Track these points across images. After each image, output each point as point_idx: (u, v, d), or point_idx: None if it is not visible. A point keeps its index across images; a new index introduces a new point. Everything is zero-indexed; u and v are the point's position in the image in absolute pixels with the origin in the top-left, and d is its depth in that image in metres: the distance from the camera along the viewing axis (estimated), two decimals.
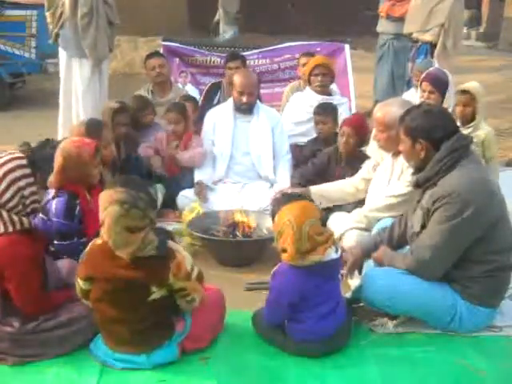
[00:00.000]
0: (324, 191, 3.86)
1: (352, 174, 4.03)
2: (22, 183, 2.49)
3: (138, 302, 2.44)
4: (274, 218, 2.63)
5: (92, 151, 3.10)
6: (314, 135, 4.79)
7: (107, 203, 2.36)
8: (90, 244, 2.52)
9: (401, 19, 7.01)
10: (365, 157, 4.20)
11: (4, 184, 2.46)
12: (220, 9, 11.81)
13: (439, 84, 4.31)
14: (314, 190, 3.84)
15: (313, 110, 4.73)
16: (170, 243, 2.49)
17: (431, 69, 4.73)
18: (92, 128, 3.69)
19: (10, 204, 2.49)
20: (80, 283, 2.51)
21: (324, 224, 2.67)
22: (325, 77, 4.98)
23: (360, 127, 4.14)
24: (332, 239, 2.62)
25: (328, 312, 2.61)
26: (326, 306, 2.61)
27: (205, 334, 2.66)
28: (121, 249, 2.37)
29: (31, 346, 2.54)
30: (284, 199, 2.65)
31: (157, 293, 2.43)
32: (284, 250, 2.56)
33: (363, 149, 4.30)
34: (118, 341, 2.51)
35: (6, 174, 2.47)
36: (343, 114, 4.87)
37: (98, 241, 2.48)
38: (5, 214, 2.49)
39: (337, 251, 2.64)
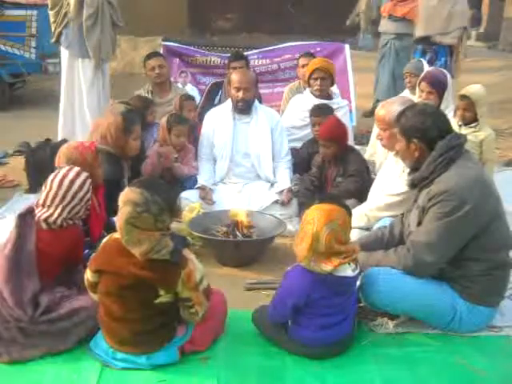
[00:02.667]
0: None
1: (343, 170, 4.11)
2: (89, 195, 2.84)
3: (144, 303, 2.44)
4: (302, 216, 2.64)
5: (94, 152, 3.19)
6: None
7: (123, 203, 2.40)
8: (106, 237, 2.55)
9: (403, 19, 7.03)
10: (354, 151, 4.21)
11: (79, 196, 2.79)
12: (361, 14, 11.32)
13: (438, 85, 4.30)
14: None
15: (309, 113, 4.71)
16: (185, 251, 2.48)
17: (430, 69, 4.72)
18: (129, 119, 3.83)
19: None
20: (88, 274, 2.53)
21: None
22: (324, 81, 4.95)
23: (332, 136, 4.10)
24: (353, 256, 2.58)
25: (333, 323, 2.60)
26: (331, 318, 2.59)
27: (206, 337, 2.66)
28: (133, 247, 2.38)
29: (35, 336, 2.56)
30: (319, 198, 2.64)
31: (163, 297, 2.43)
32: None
33: (360, 148, 4.31)
34: (119, 340, 2.51)
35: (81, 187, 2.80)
36: (344, 117, 4.85)
37: (116, 235, 2.49)
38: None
39: (355, 270, 2.60)
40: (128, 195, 2.40)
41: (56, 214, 2.70)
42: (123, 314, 2.47)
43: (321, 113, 4.64)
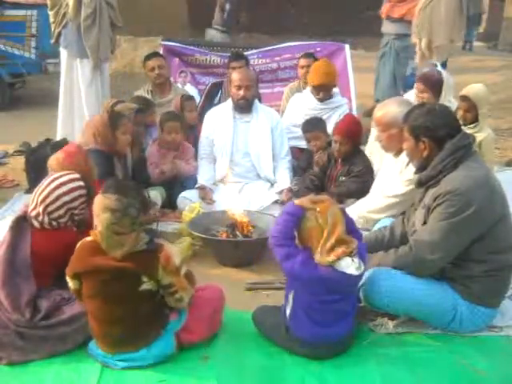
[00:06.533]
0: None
1: (348, 170, 4.11)
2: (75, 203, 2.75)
3: (129, 292, 2.43)
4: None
5: (82, 154, 3.19)
6: None
7: (100, 210, 2.40)
8: (79, 242, 2.53)
9: (400, 20, 7.06)
10: (361, 152, 4.22)
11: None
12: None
13: (430, 83, 4.28)
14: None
15: (301, 129, 4.73)
16: (159, 240, 2.53)
17: (425, 69, 4.70)
18: (115, 114, 3.89)
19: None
20: (69, 282, 2.52)
21: None
22: (327, 91, 4.94)
23: (350, 133, 4.10)
24: (354, 247, 2.51)
25: (331, 322, 2.58)
26: (328, 315, 2.58)
27: (201, 325, 2.64)
28: (114, 250, 2.41)
29: (35, 340, 2.56)
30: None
31: (147, 283, 2.44)
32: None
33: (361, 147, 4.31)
34: (115, 343, 2.50)
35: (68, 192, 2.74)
36: (343, 116, 4.85)
37: (88, 238, 2.50)
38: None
39: (359, 268, 2.52)
40: (105, 203, 2.39)
41: (41, 214, 2.68)
42: (113, 312, 2.46)
43: (314, 127, 4.65)
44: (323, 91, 4.91)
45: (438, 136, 2.73)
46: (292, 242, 2.58)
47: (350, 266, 2.51)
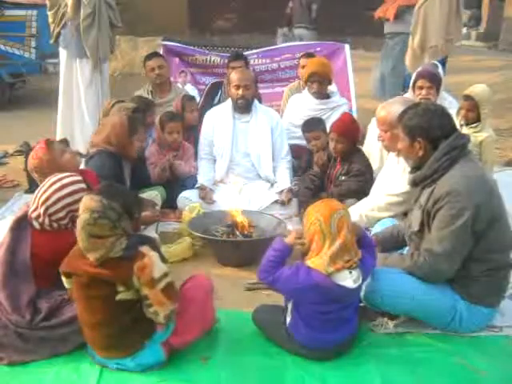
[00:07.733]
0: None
1: (347, 169, 4.12)
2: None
3: (107, 301, 2.40)
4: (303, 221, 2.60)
5: (44, 148, 3.14)
6: None
7: (81, 209, 2.39)
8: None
9: (389, 19, 7.12)
10: (360, 151, 4.22)
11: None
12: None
13: (435, 79, 4.29)
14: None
15: (301, 129, 4.76)
16: (144, 248, 2.39)
17: (424, 66, 4.70)
18: (134, 119, 3.87)
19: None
20: (63, 280, 2.53)
21: None
22: (321, 84, 4.97)
23: (346, 131, 4.11)
24: (355, 260, 2.49)
25: (331, 328, 2.58)
26: (329, 323, 2.57)
27: (190, 325, 2.59)
28: (90, 252, 2.38)
29: (35, 341, 2.56)
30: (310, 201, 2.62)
31: (123, 293, 2.39)
32: (306, 254, 2.54)
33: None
34: (101, 347, 2.49)
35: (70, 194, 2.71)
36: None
37: None
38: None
39: (357, 280, 2.50)
40: (86, 203, 2.38)
41: (41, 215, 2.67)
42: (93, 318, 2.44)
43: (313, 127, 4.66)
44: (317, 83, 4.93)
45: (433, 136, 2.73)
46: (277, 268, 2.56)
47: (346, 278, 2.48)
